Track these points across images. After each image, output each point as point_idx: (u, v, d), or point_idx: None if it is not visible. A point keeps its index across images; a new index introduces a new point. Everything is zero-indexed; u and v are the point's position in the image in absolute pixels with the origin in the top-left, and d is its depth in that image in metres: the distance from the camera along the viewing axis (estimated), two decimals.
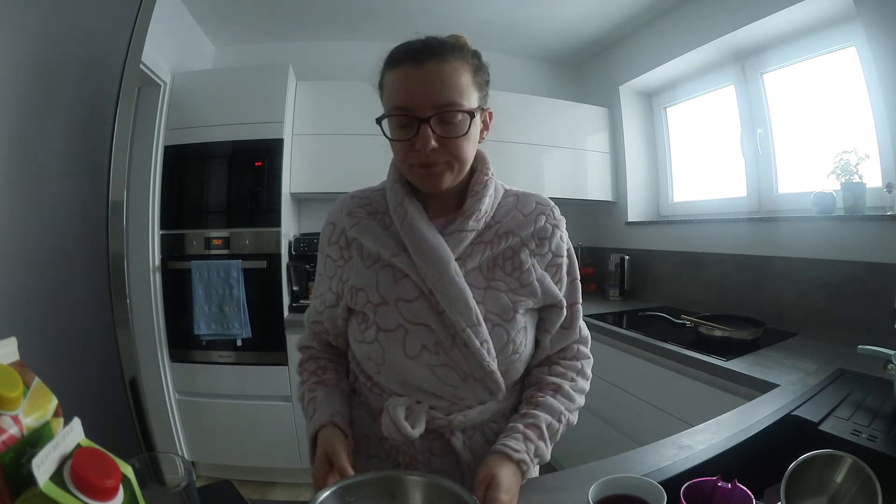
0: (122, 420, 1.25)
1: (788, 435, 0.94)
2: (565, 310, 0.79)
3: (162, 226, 2.19)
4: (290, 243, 2.41)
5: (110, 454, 0.40)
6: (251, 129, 2.22)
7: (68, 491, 0.35)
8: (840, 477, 0.60)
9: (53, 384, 0.43)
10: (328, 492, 0.57)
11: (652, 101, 2.84)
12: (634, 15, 2.46)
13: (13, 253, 1.05)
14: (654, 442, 0.89)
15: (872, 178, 1.70)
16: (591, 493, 0.59)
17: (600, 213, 2.97)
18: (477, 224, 0.75)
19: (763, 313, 1.79)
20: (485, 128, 0.76)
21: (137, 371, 1.30)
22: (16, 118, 1.06)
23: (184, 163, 2.22)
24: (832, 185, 1.76)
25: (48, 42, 1.13)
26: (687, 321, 1.79)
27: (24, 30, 1.06)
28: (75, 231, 1.24)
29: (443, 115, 0.67)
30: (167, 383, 2.20)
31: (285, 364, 2.18)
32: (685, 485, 0.58)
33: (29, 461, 0.34)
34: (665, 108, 2.77)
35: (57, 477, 0.35)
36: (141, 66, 1.64)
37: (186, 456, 1.93)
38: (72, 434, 0.39)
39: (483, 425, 0.77)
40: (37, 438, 0.38)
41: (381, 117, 0.71)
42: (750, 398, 1.18)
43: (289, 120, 2.29)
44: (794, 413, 0.97)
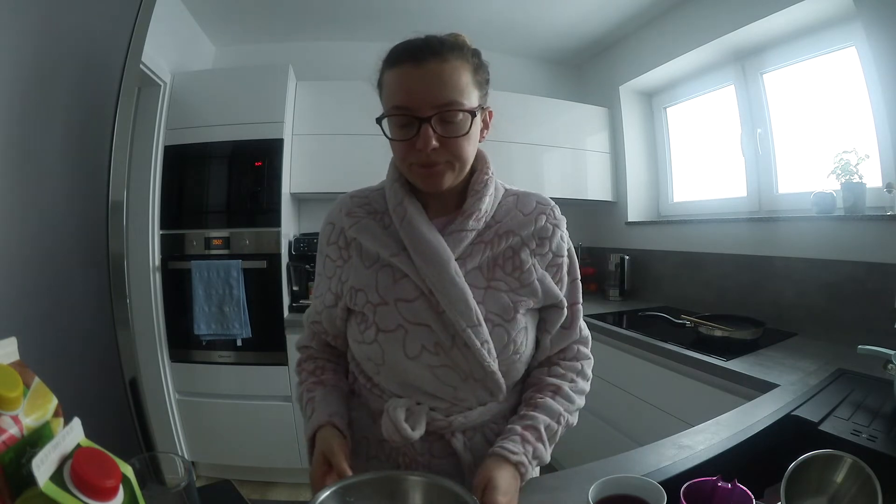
0: (122, 420, 1.25)
1: (788, 435, 0.94)
2: (566, 310, 0.79)
3: (162, 226, 2.19)
4: (290, 243, 2.41)
5: (110, 454, 0.40)
6: (251, 129, 2.22)
7: (68, 491, 0.35)
8: (840, 477, 0.60)
9: (53, 384, 0.43)
10: (328, 492, 0.57)
11: (652, 101, 2.84)
12: (634, 15, 2.46)
13: (14, 253, 1.05)
14: (654, 442, 0.89)
15: (872, 178, 1.70)
16: (591, 493, 0.59)
17: (600, 213, 2.97)
18: (477, 224, 0.74)
19: (763, 313, 1.79)
20: (485, 127, 0.76)
21: (137, 371, 1.30)
22: (16, 118, 1.06)
23: (184, 163, 2.22)
24: (832, 185, 1.76)
25: (48, 42, 1.13)
26: (687, 321, 1.79)
27: (24, 30, 1.06)
28: (75, 231, 1.24)
29: (443, 115, 0.67)
30: (167, 383, 2.20)
31: (285, 364, 2.18)
32: (685, 485, 0.58)
33: (29, 461, 0.34)
34: (665, 108, 2.77)
35: (57, 477, 0.35)
36: (141, 66, 1.64)
37: (186, 456, 1.93)
38: (72, 434, 0.39)
39: (484, 426, 0.76)
40: (37, 438, 0.38)
41: (381, 117, 0.70)
42: (750, 398, 1.18)
43: (289, 120, 2.29)
44: (794, 413, 0.97)
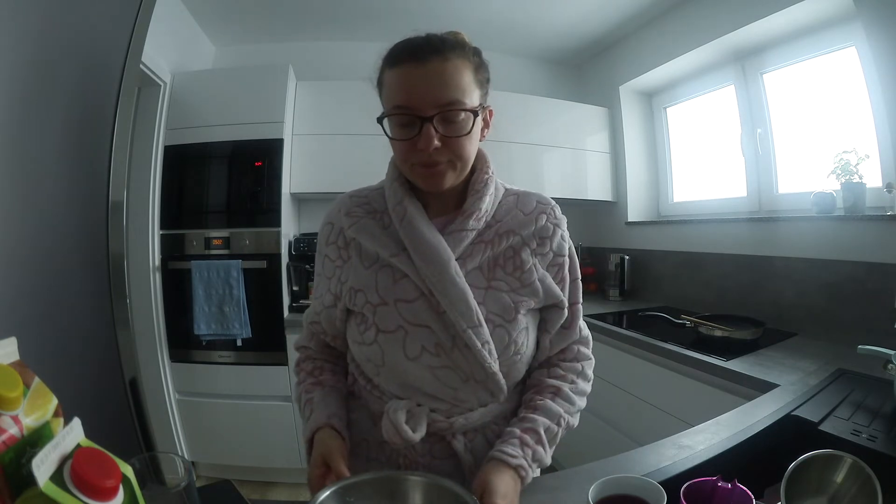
0: (122, 420, 1.25)
1: (788, 435, 0.94)
2: (566, 310, 0.78)
3: (162, 226, 2.19)
4: (290, 243, 2.41)
5: (110, 454, 0.40)
6: (251, 129, 2.22)
7: (68, 491, 0.35)
8: (840, 477, 0.60)
9: (53, 384, 0.43)
10: (328, 492, 0.57)
11: (652, 101, 2.84)
12: (634, 15, 2.46)
13: (14, 253, 1.05)
14: (654, 442, 0.89)
15: (872, 178, 1.70)
16: (591, 493, 0.59)
17: (600, 213, 2.97)
18: (477, 223, 0.74)
19: (763, 313, 1.79)
20: (486, 126, 0.75)
21: (137, 371, 1.30)
22: (16, 118, 1.06)
23: (184, 163, 2.22)
24: (832, 185, 1.76)
25: (48, 42, 1.13)
26: (687, 321, 1.79)
27: (24, 30, 1.06)
28: (76, 231, 1.24)
29: (445, 114, 0.66)
30: (167, 383, 2.20)
31: (285, 364, 2.18)
32: (685, 485, 0.58)
33: (29, 461, 0.34)
34: (665, 108, 2.77)
35: (57, 477, 0.35)
36: (141, 66, 1.64)
37: (186, 456, 1.93)
38: (72, 434, 0.39)
39: (485, 427, 0.76)
40: (37, 438, 0.38)
41: (383, 116, 0.70)
42: (750, 398, 1.18)
43: (289, 120, 2.29)
44: (794, 413, 0.97)
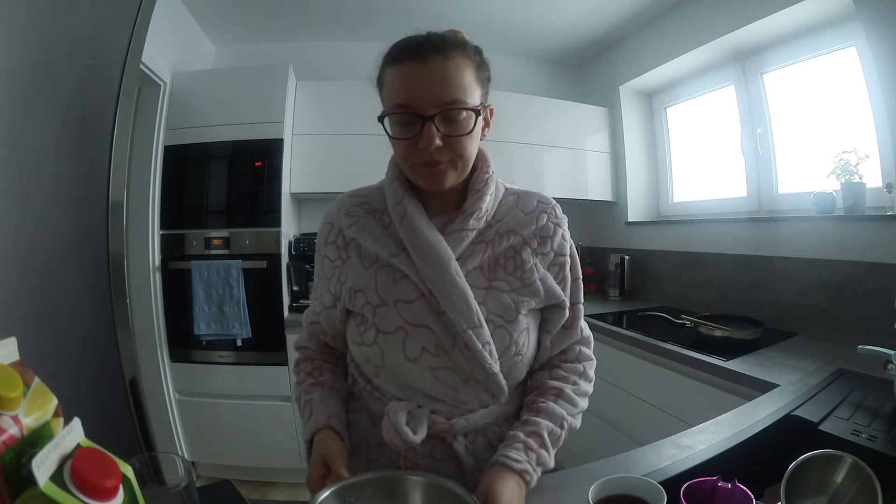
0: (122, 420, 1.25)
1: (788, 435, 0.94)
2: (567, 310, 0.78)
3: (162, 226, 2.19)
4: (290, 243, 2.41)
5: (110, 454, 0.40)
6: (251, 129, 2.22)
7: (68, 491, 0.35)
8: (840, 477, 0.60)
9: (53, 384, 0.42)
10: (328, 491, 0.57)
11: (652, 101, 2.84)
12: (634, 15, 2.46)
13: (14, 253, 1.05)
14: (654, 442, 0.89)
15: (872, 178, 1.70)
16: (591, 493, 0.59)
17: (600, 213, 2.97)
18: (478, 223, 0.73)
19: (763, 313, 1.79)
20: (486, 125, 0.75)
21: (137, 371, 1.30)
22: (16, 118, 1.06)
23: (184, 163, 2.21)
24: (832, 185, 1.76)
25: (48, 42, 1.13)
26: (687, 321, 1.79)
27: (24, 29, 1.06)
28: (75, 231, 1.24)
29: (447, 113, 0.66)
30: (167, 383, 2.20)
31: (285, 364, 2.18)
32: (685, 485, 0.58)
33: (29, 461, 0.34)
34: (665, 108, 2.77)
35: (57, 477, 0.35)
36: (141, 66, 1.64)
37: (186, 456, 1.93)
38: (72, 434, 0.39)
39: (485, 429, 0.75)
40: (37, 438, 0.38)
41: (383, 115, 0.69)
42: (750, 398, 1.18)
43: (289, 120, 2.29)
44: (794, 413, 0.97)
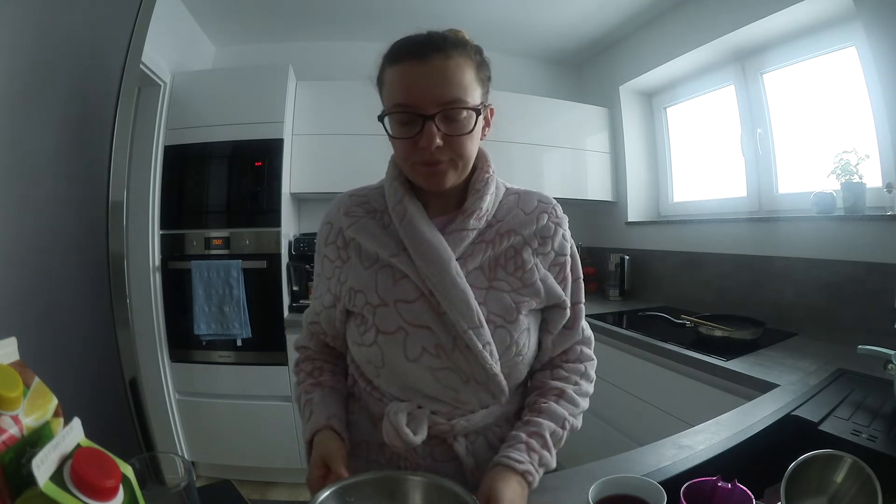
0: (122, 420, 1.25)
1: (788, 435, 0.94)
2: (568, 310, 0.78)
3: (162, 226, 2.20)
4: (290, 243, 2.41)
5: (110, 454, 0.40)
6: (251, 129, 2.22)
7: (68, 491, 0.35)
8: (840, 477, 0.60)
9: (53, 384, 0.42)
10: (328, 491, 0.57)
11: (652, 101, 2.84)
12: (634, 15, 2.46)
13: (13, 253, 1.05)
14: (654, 442, 0.89)
15: (872, 178, 1.70)
16: (591, 493, 0.59)
17: (600, 213, 2.97)
18: (478, 223, 0.73)
19: (763, 313, 1.79)
20: (487, 125, 0.75)
21: (137, 371, 1.30)
22: (15, 118, 1.06)
23: (184, 163, 2.22)
24: (832, 185, 1.76)
25: (47, 42, 1.13)
26: (687, 321, 1.79)
27: (23, 29, 1.06)
28: (75, 231, 1.23)
29: (447, 112, 0.66)
30: (167, 383, 2.20)
31: (285, 364, 2.18)
32: (685, 485, 0.58)
33: (29, 461, 0.34)
34: (665, 108, 2.77)
35: (57, 477, 0.35)
36: (141, 66, 1.64)
37: (186, 456, 1.93)
38: (72, 434, 0.39)
39: (486, 430, 0.75)
40: (37, 438, 0.38)
41: (384, 114, 0.69)
42: (750, 398, 1.18)
43: (289, 120, 2.29)
44: (794, 413, 0.97)
